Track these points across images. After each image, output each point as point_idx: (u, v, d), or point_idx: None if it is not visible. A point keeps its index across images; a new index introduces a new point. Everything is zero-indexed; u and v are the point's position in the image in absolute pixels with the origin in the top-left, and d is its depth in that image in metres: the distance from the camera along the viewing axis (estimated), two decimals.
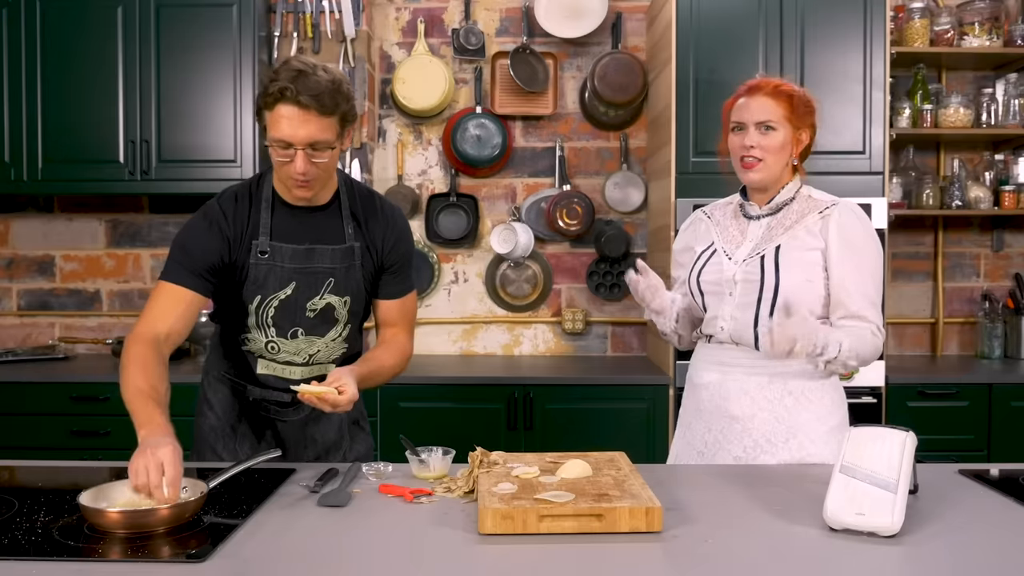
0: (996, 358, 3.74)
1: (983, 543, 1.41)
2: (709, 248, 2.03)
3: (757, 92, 1.94)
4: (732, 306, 1.94)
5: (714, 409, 1.97)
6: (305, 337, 1.95)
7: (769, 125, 1.91)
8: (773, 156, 1.92)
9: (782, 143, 1.92)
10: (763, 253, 1.92)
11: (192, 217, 1.92)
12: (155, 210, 3.92)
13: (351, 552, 1.38)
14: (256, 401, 2.03)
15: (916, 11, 3.56)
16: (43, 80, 3.48)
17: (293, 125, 1.74)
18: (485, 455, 1.73)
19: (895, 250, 3.87)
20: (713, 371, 1.99)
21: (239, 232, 1.89)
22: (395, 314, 2.06)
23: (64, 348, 3.84)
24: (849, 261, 1.89)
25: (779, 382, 1.92)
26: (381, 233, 1.98)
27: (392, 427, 3.24)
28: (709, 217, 2.09)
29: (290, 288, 1.90)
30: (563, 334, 3.93)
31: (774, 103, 1.92)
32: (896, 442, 1.47)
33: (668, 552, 1.37)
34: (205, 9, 3.46)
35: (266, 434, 2.06)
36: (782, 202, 1.96)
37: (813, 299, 1.89)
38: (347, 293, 1.95)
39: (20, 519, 1.49)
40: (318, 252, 1.91)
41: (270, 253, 1.89)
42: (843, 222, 1.90)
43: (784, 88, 1.94)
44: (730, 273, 1.95)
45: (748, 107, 1.94)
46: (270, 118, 1.77)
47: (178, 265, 1.85)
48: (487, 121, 3.82)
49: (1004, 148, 3.78)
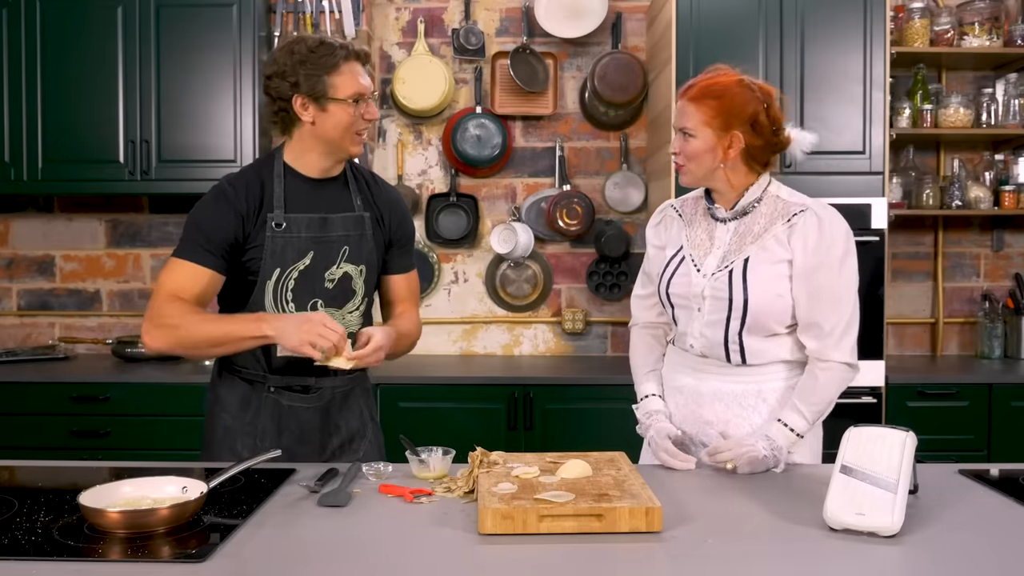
0: (996, 358, 3.73)
1: (983, 543, 1.41)
2: (678, 254, 1.96)
3: (683, 96, 1.88)
4: (701, 323, 1.90)
5: (688, 413, 1.96)
6: (325, 309, 1.97)
7: (687, 132, 1.86)
8: (694, 162, 1.87)
9: (701, 149, 1.85)
10: (731, 267, 1.86)
11: (204, 197, 1.97)
12: (155, 210, 3.93)
13: (351, 552, 1.38)
14: (276, 391, 2.01)
15: (916, 11, 3.56)
16: (43, 80, 3.48)
17: (363, 76, 1.95)
18: (485, 455, 1.73)
19: (895, 250, 3.87)
20: (687, 375, 1.97)
21: (252, 208, 1.94)
22: (405, 290, 2.16)
23: (64, 348, 3.84)
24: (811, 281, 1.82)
25: (753, 388, 1.90)
26: (388, 208, 2.10)
27: (392, 427, 3.22)
28: (680, 215, 2.02)
29: (308, 258, 1.96)
30: (563, 334, 3.93)
31: (694, 108, 1.85)
32: (896, 442, 1.47)
33: (668, 552, 1.37)
34: (205, 9, 3.46)
35: (290, 425, 2.03)
36: (747, 204, 1.89)
37: (784, 313, 1.85)
38: (362, 261, 2.02)
39: (20, 519, 1.49)
40: (331, 221, 1.98)
41: (286, 225, 1.94)
42: (808, 233, 1.83)
43: (713, 89, 1.85)
44: (698, 288, 1.89)
45: (678, 110, 1.91)
46: (338, 80, 1.91)
47: (194, 244, 1.90)
48: (487, 121, 3.83)
49: (1004, 148, 3.78)
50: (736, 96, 1.84)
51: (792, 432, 1.82)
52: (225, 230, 1.91)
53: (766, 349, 1.88)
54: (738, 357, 1.88)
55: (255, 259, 1.94)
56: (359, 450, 2.08)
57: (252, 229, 1.94)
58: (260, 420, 2.02)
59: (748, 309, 1.84)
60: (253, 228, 1.94)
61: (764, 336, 1.87)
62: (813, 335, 1.84)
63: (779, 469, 1.83)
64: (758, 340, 1.87)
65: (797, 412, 1.83)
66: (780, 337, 1.89)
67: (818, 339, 1.84)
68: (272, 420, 2.02)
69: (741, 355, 1.88)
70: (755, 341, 1.87)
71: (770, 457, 1.81)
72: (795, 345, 1.89)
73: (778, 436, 1.82)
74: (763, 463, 1.81)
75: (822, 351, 1.83)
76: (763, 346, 1.88)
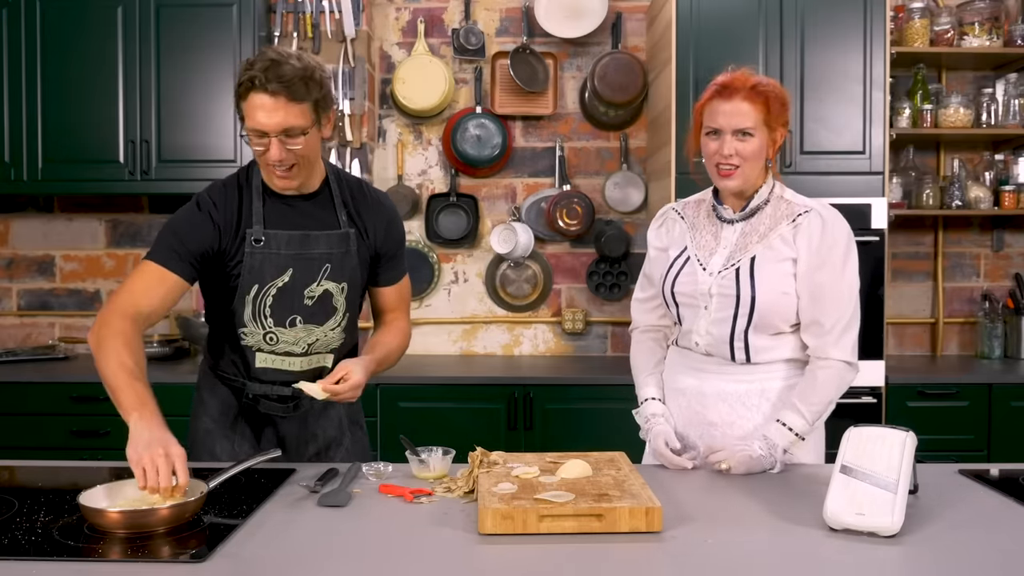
0: (996, 358, 3.73)
1: (983, 543, 1.41)
2: (682, 255, 1.96)
3: (733, 95, 1.82)
4: (707, 321, 1.90)
5: (692, 415, 1.96)
6: (303, 326, 1.94)
7: (747, 132, 1.82)
8: (751, 163, 1.84)
9: (760, 148, 1.84)
10: (738, 265, 1.87)
11: (184, 206, 1.93)
12: (155, 210, 3.93)
13: (351, 552, 1.38)
14: (255, 399, 2.02)
15: (916, 11, 3.56)
16: (43, 80, 3.48)
17: (265, 113, 1.77)
18: (485, 455, 1.73)
19: (895, 250, 3.87)
20: (690, 376, 1.96)
21: (229, 221, 1.89)
22: (394, 299, 2.11)
23: (64, 348, 3.84)
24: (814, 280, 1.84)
25: (756, 387, 1.90)
26: (373, 220, 2.01)
27: (392, 427, 3.24)
28: (683, 218, 2.01)
29: (287, 275, 1.91)
30: (563, 334, 3.93)
31: (750, 107, 1.82)
32: (896, 442, 1.47)
33: (668, 552, 1.37)
34: (205, 9, 3.46)
35: (266, 432, 2.05)
36: (756, 206, 1.90)
37: (790, 310, 1.86)
38: (344, 279, 1.96)
39: (20, 519, 1.49)
40: (313, 238, 1.92)
41: (265, 241, 1.89)
42: (812, 232, 1.84)
43: (761, 88, 1.84)
44: (705, 286, 1.89)
45: (724, 111, 1.83)
46: (245, 108, 1.80)
47: (168, 248, 1.86)
48: (487, 121, 3.82)
49: (1004, 148, 3.78)
50: (781, 94, 1.87)
51: (791, 432, 1.82)
52: (200, 240, 1.87)
53: (771, 347, 1.89)
54: (743, 355, 1.89)
55: (235, 274, 1.91)
56: (334, 458, 2.08)
57: (230, 243, 1.89)
58: (238, 425, 2.04)
59: (755, 306, 1.84)
60: (232, 242, 1.89)
61: (769, 335, 1.88)
62: (814, 332, 1.85)
63: (776, 470, 1.83)
64: (763, 338, 1.88)
65: (796, 412, 1.83)
66: (784, 336, 1.89)
67: (818, 336, 1.85)
68: (250, 426, 2.05)
69: (746, 353, 1.88)
70: (760, 339, 1.88)
71: (766, 457, 1.81)
72: (798, 344, 1.90)
73: (776, 436, 1.82)
74: (759, 463, 1.81)
75: (822, 348, 1.84)
76: (768, 344, 1.88)
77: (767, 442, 1.82)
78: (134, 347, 1.72)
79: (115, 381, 1.65)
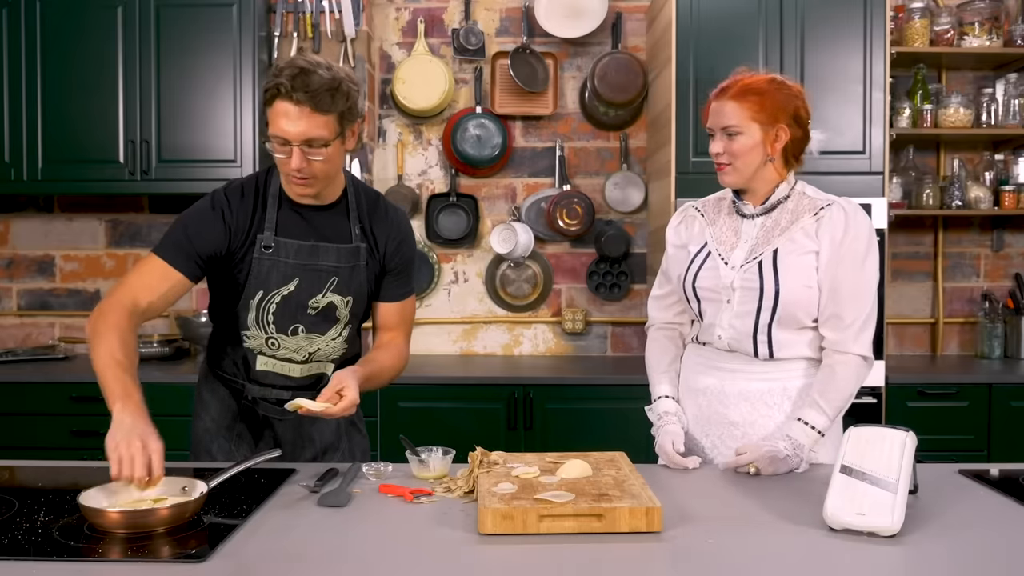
0: (996, 358, 3.73)
1: (983, 543, 1.41)
2: (703, 250, 1.97)
3: (722, 96, 1.88)
4: (731, 314, 1.90)
5: (712, 414, 1.95)
6: (305, 335, 1.94)
7: (732, 131, 1.87)
8: (741, 159, 1.87)
9: (750, 146, 1.86)
10: (760, 258, 1.88)
11: (199, 201, 1.92)
12: (155, 210, 3.93)
13: (351, 552, 1.38)
14: (254, 400, 2.02)
15: (916, 11, 3.56)
16: (43, 80, 3.48)
17: (289, 121, 1.76)
18: (485, 455, 1.73)
19: (895, 250, 3.87)
20: (710, 376, 1.96)
21: (242, 225, 1.89)
22: (394, 318, 2.06)
23: (64, 348, 3.84)
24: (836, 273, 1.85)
25: (778, 386, 1.90)
26: (385, 235, 1.99)
27: (392, 427, 3.24)
28: (702, 215, 2.03)
29: (292, 284, 1.90)
30: (563, 334, 3.93)
31: (737, 106, 1.86)
32: (896, 442, 1.47)
33: (668, 552, 1.37)
34: (205, 9, 3.45)
35: (264, 434, 2.06)
36: (776, 201, 1.92)
37: (813, 304, 1.86)
38: (350, 293, 1.95)
39: (20, 519, 1.49)
40: (323, 250, 1.91)
41: (274, 248, 1.88)
42: (835, 225, 1.86)
43: (754, 86, 1.87)
44: (728, 280, 1.90)
45: (713, 111, 1.89)
46: (270, 114, 1.79)
47: (176, 246, 1.86)
48: (487, 121, 3.83)
49: (1004, 148, 3.78)
50: (777, 91, 1.88)
51: (814, 430, 1.82)
52: (210, 241, 1.86)
53: (792, 343, 1.89)
54: (766, 350, 1.88)
55: (241, 277, 1.90)
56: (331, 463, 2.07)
57: (240, 246, 1.89)
58: (236, 426, 2.04)
59: (779, 299, 1.85)
60: (241, 245, 1.89)
61: (792, 329, 1.88)
62: (833, 326, 1.85)
63: (802, 469, 1.82)
64: (786, 333, 1.88)
65: (817, 408, 1.82)
66: (806, 331, 1.89)
67: (838, 330, 1.85)
68: (247, 427, 2.05)
69: (769, 348, 1.88)
70: (783, 334, 1.88)
71: (792, 457, 1.80)
72: (817, 342, 1.90)
73: (800, 435, 1.82)
74: (785, 463, 1.80)
75: (841, 342, 1.84)
76: (790, 339, 1.88)
77: (792, 442, 1.81)
78: (127, 341, 1.72)
79: (104, 371, 1.66)
